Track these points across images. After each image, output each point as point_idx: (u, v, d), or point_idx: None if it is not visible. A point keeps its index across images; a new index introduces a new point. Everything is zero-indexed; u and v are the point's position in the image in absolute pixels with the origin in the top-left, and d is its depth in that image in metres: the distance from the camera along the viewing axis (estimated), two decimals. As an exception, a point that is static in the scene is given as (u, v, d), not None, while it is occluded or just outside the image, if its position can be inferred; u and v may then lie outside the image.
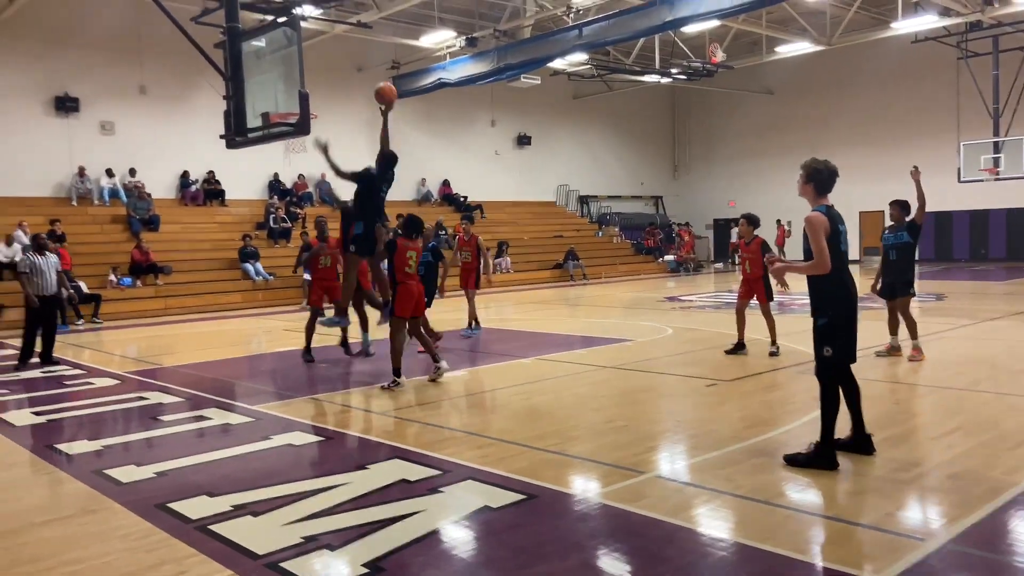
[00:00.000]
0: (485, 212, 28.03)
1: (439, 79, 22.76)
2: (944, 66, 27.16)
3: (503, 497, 4.71)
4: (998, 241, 28.09)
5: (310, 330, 10.25)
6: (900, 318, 9.02)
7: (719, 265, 32.15)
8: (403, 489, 4.93)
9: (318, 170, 24.77)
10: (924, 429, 6.20)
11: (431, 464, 5.42)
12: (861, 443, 5.31)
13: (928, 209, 8.95)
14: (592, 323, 14.37)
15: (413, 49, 23.64)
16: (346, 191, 9.33)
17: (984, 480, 4.80)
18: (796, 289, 5.49)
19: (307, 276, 14.91)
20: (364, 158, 29.78)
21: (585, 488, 4.99)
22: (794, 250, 29.65)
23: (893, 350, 9.14)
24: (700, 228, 34.60)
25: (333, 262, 10.56)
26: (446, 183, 28.43)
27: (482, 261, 12.32)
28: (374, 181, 8.61)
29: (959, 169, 25.14)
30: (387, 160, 8.61)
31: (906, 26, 21.90)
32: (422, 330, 9.13)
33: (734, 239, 32.00)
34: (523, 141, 30.94)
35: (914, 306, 9.38)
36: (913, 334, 8.91)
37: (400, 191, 27.10)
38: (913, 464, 5.20)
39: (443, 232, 24.08)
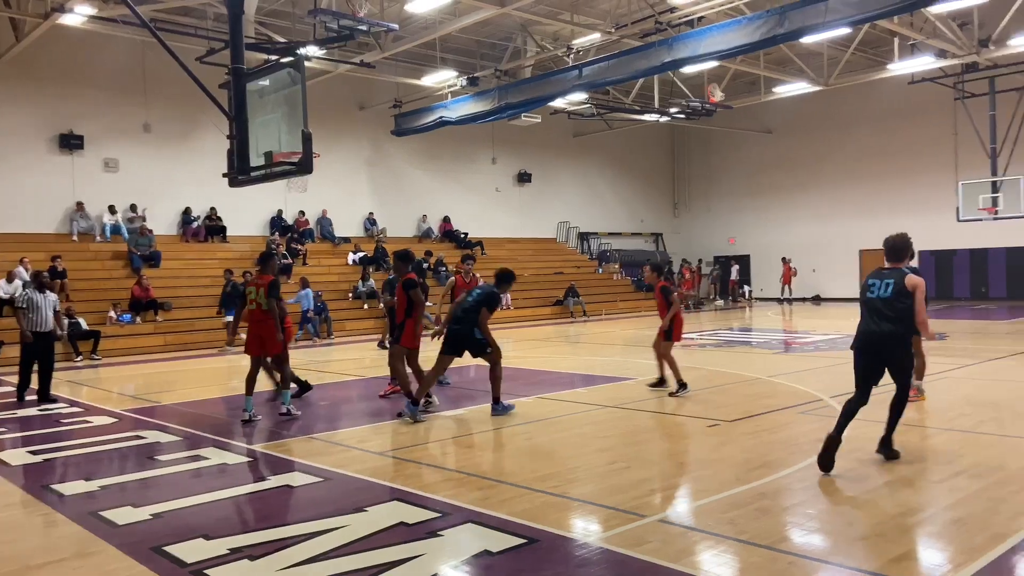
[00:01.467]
0: (485, 249, 28.11)
1: (440, 117, 23.02)
2: (941, 106, 27.42)
3: (503, 541, 4.65)
4: (998, 280, 28.07)
5: None
6: None
7: (720, 302, 32.13)
8: (402, 532, 4.87)
9: (319, 207, 24.96)
10: (928, 472, 6.13)
11: (430, 506, 5.36)
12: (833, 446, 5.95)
13: (928, 247, 9.07)
14: (593, 361, 14.32)
15: (415, 88, 23.93)
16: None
17: (988, 526, 4.74)
18: (801, 327, 5.59)
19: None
20: (365, 194, 29.63)
21: (587, 532, 4.92)
22: (800, 287, 30.01)
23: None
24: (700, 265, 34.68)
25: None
26: (447, 220, 28.57)
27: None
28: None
29: (958, 208, 25.24)
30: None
31: (903, 67, 22.16)
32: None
33: (734, 276, 32.22)
34: (524, 178, 31.15)
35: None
36: (919, 374, 8.87)
37: (401, 227, 27.29)
38: (918, 508, 5.15)
39: (443, 268, 24.14)
